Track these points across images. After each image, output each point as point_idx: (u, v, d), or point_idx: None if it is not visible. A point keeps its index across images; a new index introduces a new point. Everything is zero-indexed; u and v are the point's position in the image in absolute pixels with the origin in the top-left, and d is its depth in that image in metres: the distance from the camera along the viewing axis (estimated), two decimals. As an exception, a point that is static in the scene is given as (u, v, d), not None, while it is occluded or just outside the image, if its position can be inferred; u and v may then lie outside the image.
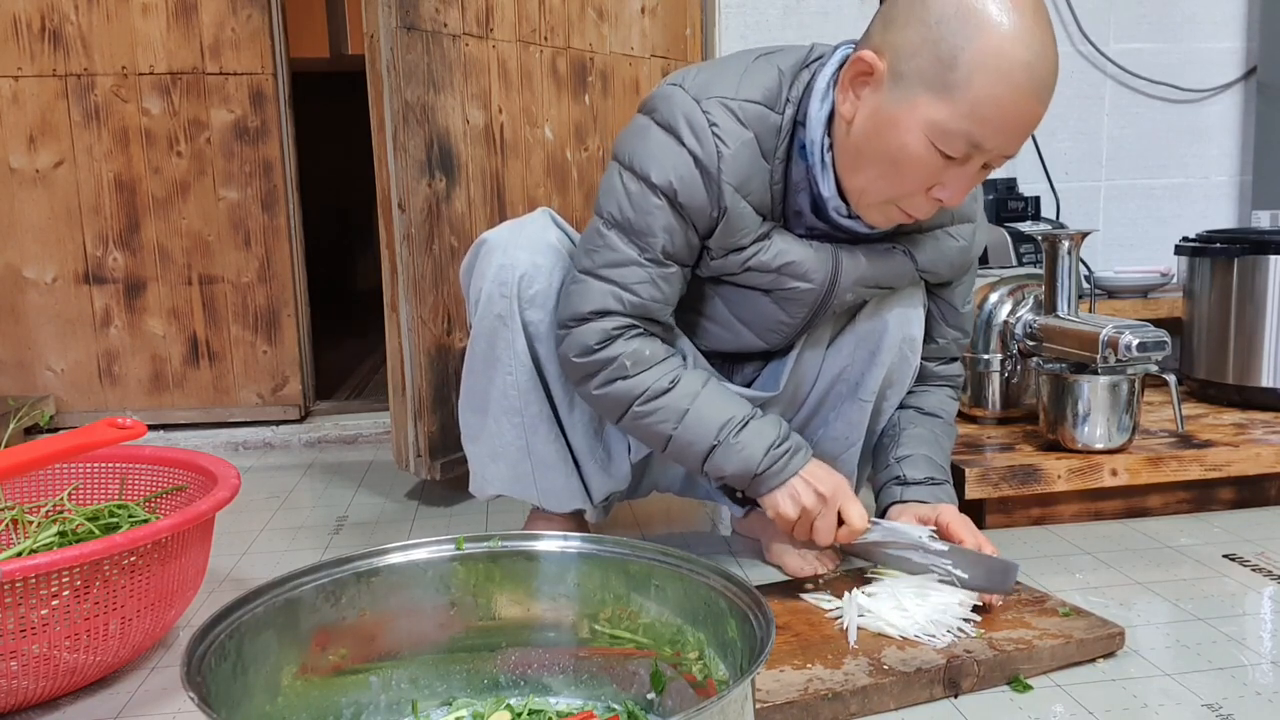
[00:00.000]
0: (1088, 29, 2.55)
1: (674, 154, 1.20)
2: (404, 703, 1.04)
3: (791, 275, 1.27)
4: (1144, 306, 2.27)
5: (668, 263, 1.24)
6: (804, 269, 1.27)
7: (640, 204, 1.21)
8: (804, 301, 1.30)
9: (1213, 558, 1.50)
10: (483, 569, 1.06)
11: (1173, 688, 1.12)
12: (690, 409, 1.25)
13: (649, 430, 1.27)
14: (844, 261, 1.28)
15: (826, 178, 1.20)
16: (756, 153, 1.21)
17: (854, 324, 1.38)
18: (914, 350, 1.38)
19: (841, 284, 1.29)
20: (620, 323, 1.24)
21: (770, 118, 1.21)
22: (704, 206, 1.21)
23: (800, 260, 1.26)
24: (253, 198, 2.35)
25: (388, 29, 1.72)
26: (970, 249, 1.37)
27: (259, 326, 2.40)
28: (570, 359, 1.27)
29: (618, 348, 1.24)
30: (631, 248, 1.23)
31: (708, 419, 1.25)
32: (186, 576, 1.22)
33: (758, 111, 1.20)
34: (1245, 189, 2.68)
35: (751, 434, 1.25)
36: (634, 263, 1.23)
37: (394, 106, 1.74)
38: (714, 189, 1.20)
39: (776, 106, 1.21)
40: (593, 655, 1.06)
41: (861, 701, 1.06)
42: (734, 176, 1.20)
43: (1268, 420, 1.86)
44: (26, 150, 2.29)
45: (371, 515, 1.83)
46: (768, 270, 1.27)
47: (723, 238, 1.24)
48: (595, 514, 1.49)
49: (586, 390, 1.29)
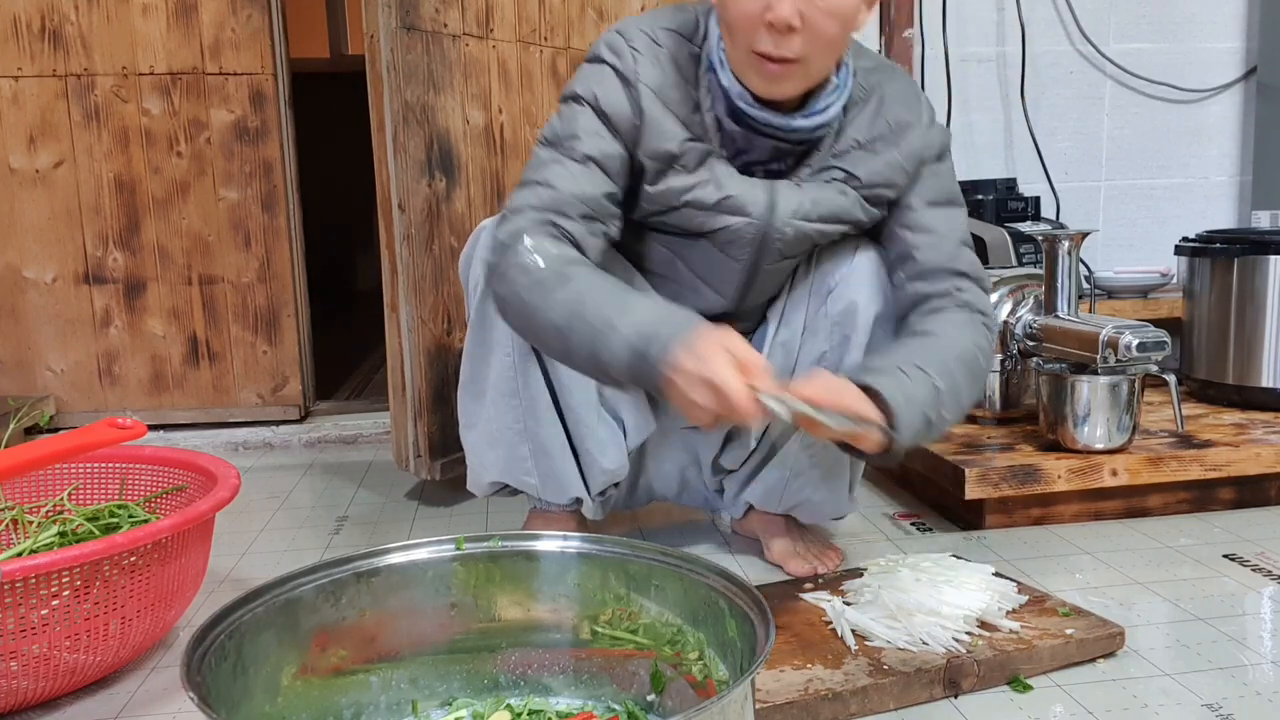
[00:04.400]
0: (1088, 29, 2.55)
1: (596, 71, 1.28)
2: (404, 703, 1.04)
3: (729, 211, 1.29)
4: (1144, 306, 2.27)
5: (587, 161, 1.25)
6: (740, 203, 1.28)
7: (566, 115, 1.28)
8: (744, 239, 1.31)
9: (1213, 558, 1.50)
10: (483, 569, 1.06)
11: (1173, 688, 1.12)
12: (584, 300, 1.14)
13: (543, 325, 1.17)
14: (780, 192, 1.29)
15: (725, 71, 1.24)
16: (674, 69, 1.27)
17: (826, 307, 1.38)
18: (887, 332, 1.36)
19: (780, 216, 1.29)
20: (535, 217, 1.22)
21: (688, 46, 1.28)
22: (625, 112, 1.25)
23: (736, 194, 1.28)
24: (253, 198, 2.35)
25: (388, 29, 1.72)
26: (918, 152, 1.31)
27: (259, 326, 2.40)
28: (488, 261, 1.27)
29: (524, 241, 1.20)
30: (553, 152, 1.27)
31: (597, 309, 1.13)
32: (186, 576, 1.22)
33: (673, 37, 1.28)
34: (1245, 189, 2.68)
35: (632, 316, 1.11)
36: (553, 160, 1.26)
37: (394, 107, 1.74)
38: (633, 92, 1.25)
39: (695, 39, 1.28)
40: (593, 655, 1.06)
41: (861, 701, 1.06)
42: (650, 80, 1.25)
43: (1268, 420, 1.86)
44: (26, 150, 2.29)
45: (371, 515, 1.83)
46: (704, 207, 1.29)
47: (648, 143, 1.26)
48: (593, 509, 1.48)
49: (494, 290, 1.24)
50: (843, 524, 1.64)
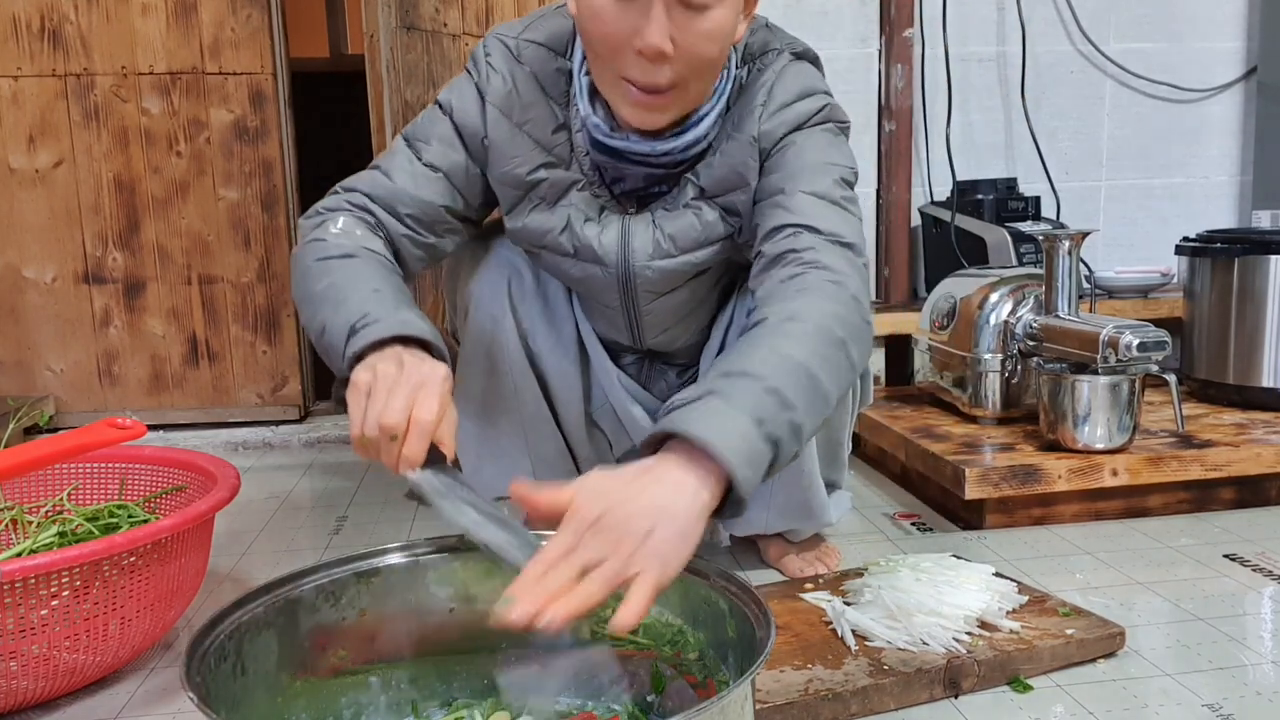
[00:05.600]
0: (1088, 29, 2.55)
1: (461, 83, 1.26)
2: (404, 703, 1.04)
3: (586, 260, 1.26)
4: (1144, 306, 2.27)
5: (431, 166, 1.23)
6: (594, 252, 1.25)
7: (426, 118, 1.27)
8: (608, 285, 1.28)
9: (1213, 558, 1.50)
10: (483, 569, 1.05)
11: (1173, 688, 1.12)
12: (350, 276, 1.09)
13: (308, 292, 1.10)
14: (635, 235, 1.24)
15: (584, 99, 1.18)
16: (535, 88, 1.21)
17: None
18: None
19: (636, 260, 1.25)
20: (358, 200, 1.21)
21: (555, 61, 1.21)
22: (475, 128, 1.23)
23: (589, 243, 1.25)
24: (252, 198, 2.35)
25: (388, 29, 1.72)
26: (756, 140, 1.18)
27: (259, 326, 2.40)
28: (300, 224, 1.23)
29: (335, 216, 1.18)
30: (409, 149, 1.25)
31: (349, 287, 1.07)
32: (186, 576, 1.22)
33: (537, 52, 1.22)
34: (1245, 189, 2.68)
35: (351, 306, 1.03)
36: (402, 155, 1.25)
37: (394, 106, 1.74)
38: (484, 113, 1.22)
39: (566, 53, 1.21)
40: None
41: (862, 702, 1.06)
42: (501, 102, 1.21)
43: (1268, 420, 1.86)
44: (26, 150, 2.29)
45: (371, 515, 1.83)
46: (564, 253, 1.26)
47: (497, 167, 1.24)
48: None
49: (294, 254, 1.18)
50: (843, 524, 1.64)
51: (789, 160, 1.16)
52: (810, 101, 1.19)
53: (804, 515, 1.41)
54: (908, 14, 2.40)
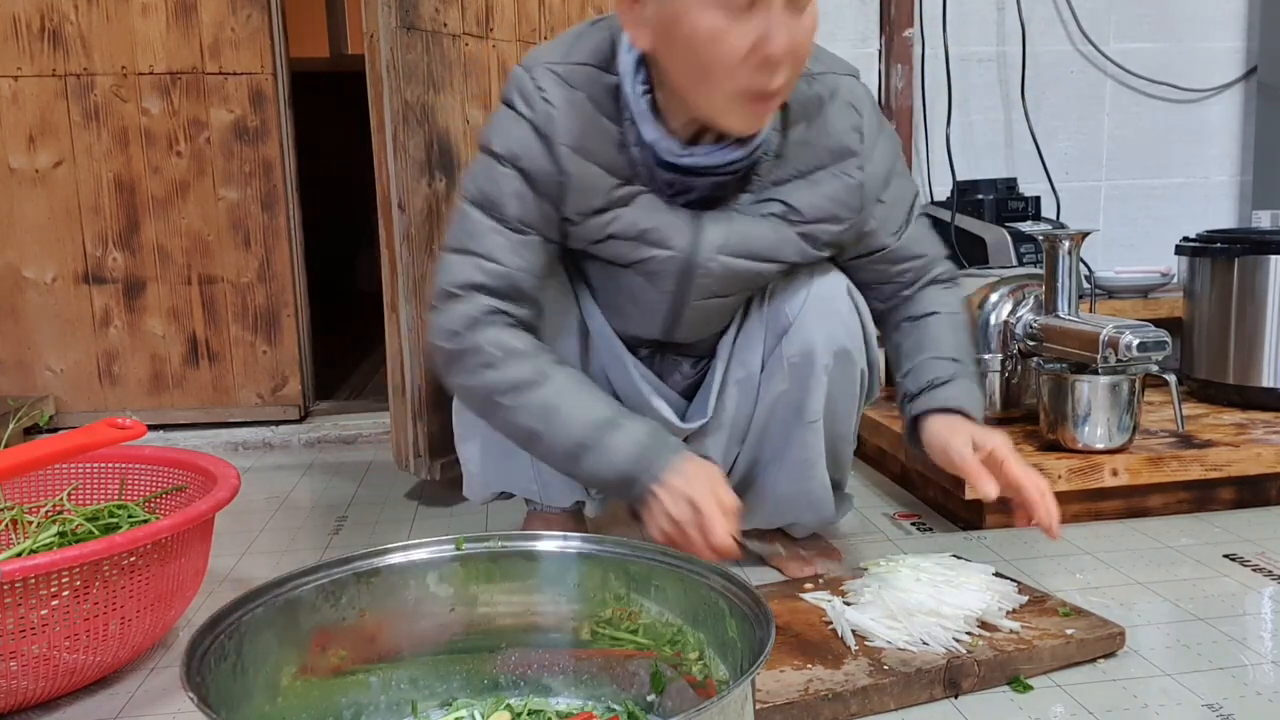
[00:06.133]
0: (1088, 29, 2.55)
1: (514, 124, 1.21)
2: (404, 703, 1.04)
3: (651, 243, 1.24)
4: (1144, 306, 2.27)
5: (524, 230, 1.22)
6: (662, 235, 1.23)
7: (491, 175, 1.23)
8: (668, 272, 1.26)
9: (1213, 558, 1.50)
10: (483, 569, 1.06)
11: (1173, 688, 1.12)
12: (560, 406, 1.19)
13: (515, 426, 1.22)
14: (707, 227, 1.24)
15: (647, 123, 1.17)
16: (593, 113, 1.19)
17: (781, 347, 1.32)
18: (851, 362, 1.32)
19: (704, 250, 1.24)
20: (486, 305, 1.21)
21: (605, 78, 1.19)
22: (548, 171, 1.20)
23: (658, 226, 1.23)
24: (252, 198, 2.35)
25: (388, 29, 1.72)
26: (860, 184, 1.27)
27: (259, 326, 2.40)
28: (437, 344, 1.24)
29: (483, 335, 1.20)
30: (488, 218, 1.23)
31: (578, 417, 1.18)
32: (186, 576, 1.22)
33: (587, 73, 1.20)
34: (1245, 189, 2.68)
35: (623, 434, 1.18)
36: (492, 230, 1.22)
37: (394, 106, 1.73)
38: (552, 153, 1.19)
39: (611, 68, 1.19)
40: (593, 656, 1.06)
41: (861, 702, 1.06)
42: (568, 138, 1.19)
43: (1268, 420, 1.86)
44: (26, 150, 2.29)
45: (371, 515, 1.83)
46: (628, 237, 1.24)
47: (575, 204, 1.22)
48: (595, 506, 1.49)
49: (452, 380, 1.25)
50: (843, 524, 1.64)
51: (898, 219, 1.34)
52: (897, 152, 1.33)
53: (806, 505, 1.40)
54: (908, 14, 2.40)
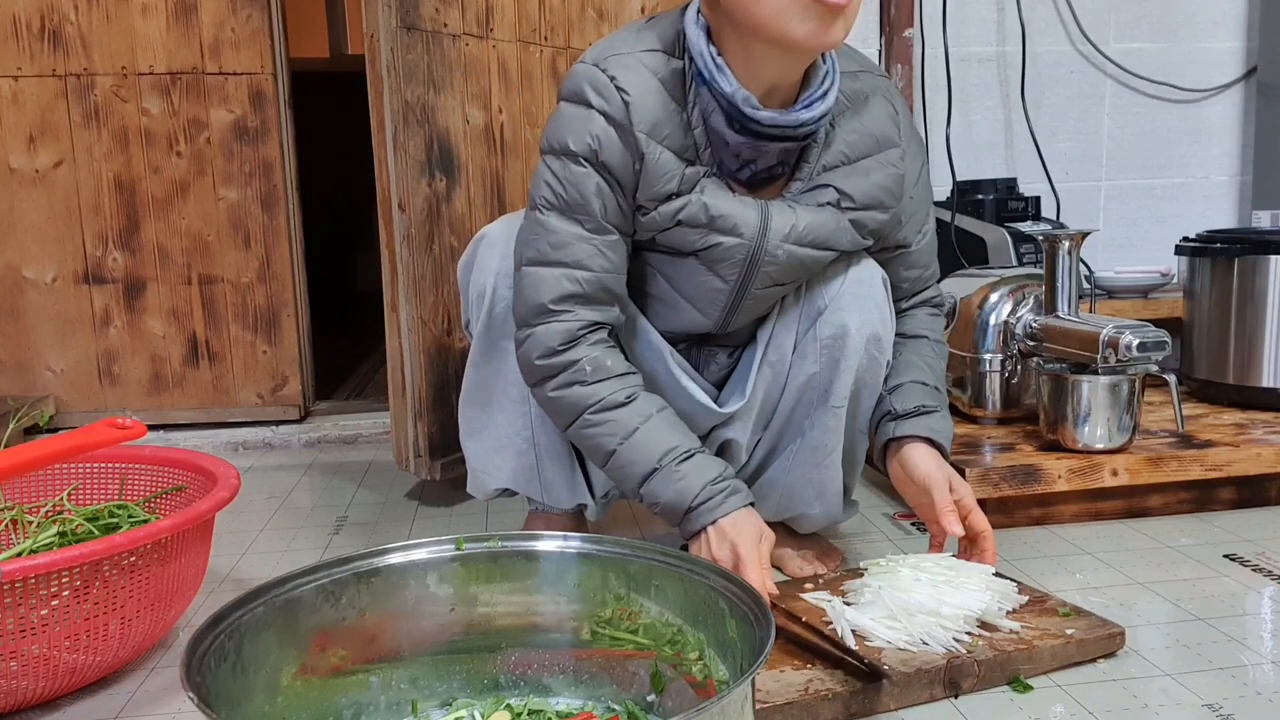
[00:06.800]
0: (1088, 29, 2.55)
1: (585, 119, 1.21)
2: (404, 703, 1.04)
3: (721, 230, 1.25)
4: (1144, 306, 2.27)
5: (609, 229, 1.24)
6: (732, 222, 1.24)
7: (568, 177, 1.22)
8: (734, 260, 1.27)
9: (1213, 558, 1.50)
10: (483, 569, 1.06)
11: (1173, 688, 1.12)
12: (640, 429, 1.23)
13: (594, 442, 1.25)
14: (773, 214, 1.26)
15: (725, 76, 1.18)
16: (665, 97, 1.21)
17: (815, 329, 1.34)
18: (881, 350, 1.35)
19: (772, 238, 1.26)
20: (585, 319, 1.23)
21: (672, 62, 1.21)
22: (625, 160, 1.21)
23: (729, 213, 1.24)
24: (252, 198, 2.35)
25: (388, 29, 1.72)
26: (902, 175, 1.32)
27: (259, 326, 2.40)
28: (532, 361, 1.25)
29: (581, 351, 1.23)
30: (572, 224, 1.23)
31: (654, 442, 1.22)
32: (186, 576, 1.22)
33: (657, 58, 1.21)
34: (1245, 189, 2.68)
35: (693, 466, 1.22)
36: (578, 238, 1.23)
37: (394, 106, 1.73)
38: (629, 139, 1.20)
39: (675, 52, 1.22)
40: (593, 655, 1.06)
41: (861, 702, 1.06)
42: (644, 123, 1.19)
43: (1268, 420, 1.86)
44: (26, 150, 2.29)
45: (371, 515, 1.83)
46: (698, 224, 1.25)
47: (647, 188, 1.23)
48: (596, 510, 1.49)
49: (542, 392, 1.27)
50: (843, 524, 1.64)
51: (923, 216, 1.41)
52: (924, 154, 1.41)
53: (815, 495, 1.41)
54: (908, 14, 2.40)
